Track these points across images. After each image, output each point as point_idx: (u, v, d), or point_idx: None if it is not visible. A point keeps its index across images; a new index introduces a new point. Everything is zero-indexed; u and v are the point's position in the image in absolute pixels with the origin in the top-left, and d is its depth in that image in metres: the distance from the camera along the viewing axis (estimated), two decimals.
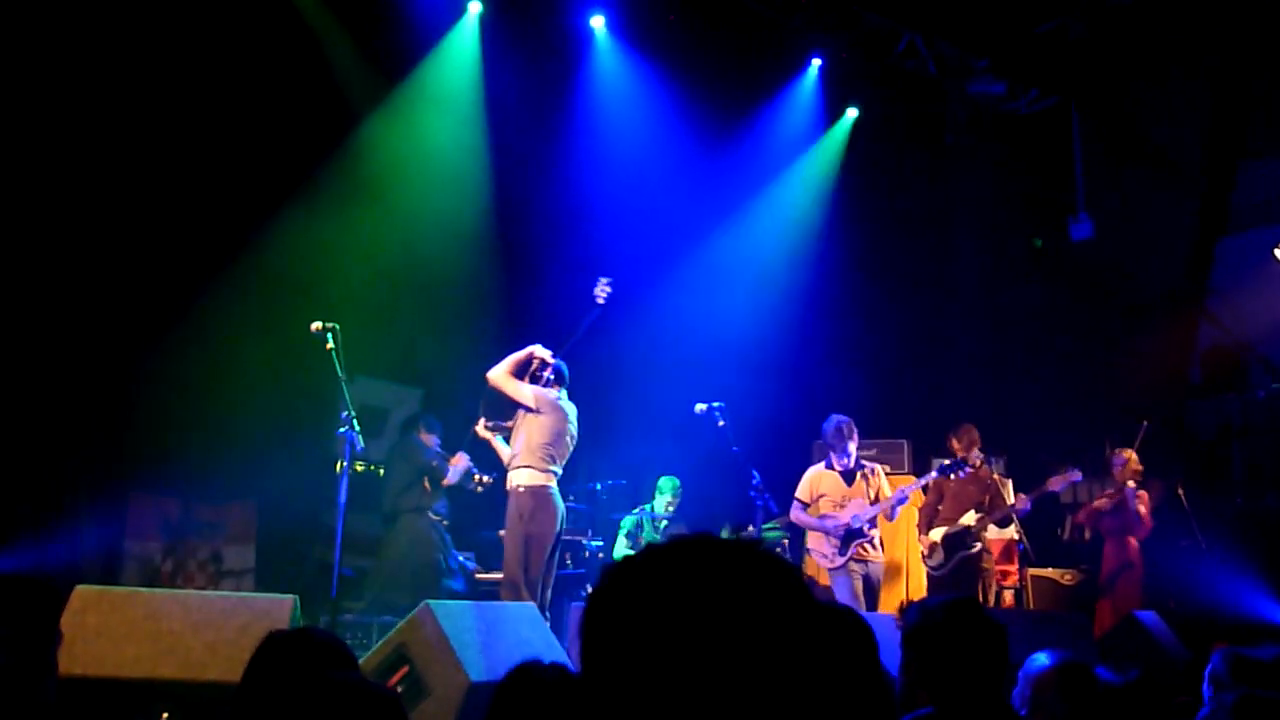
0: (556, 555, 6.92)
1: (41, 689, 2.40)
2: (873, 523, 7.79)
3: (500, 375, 6.81)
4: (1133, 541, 8.39)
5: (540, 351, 6.95)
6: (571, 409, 7.01)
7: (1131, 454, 8.49)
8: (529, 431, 6.78)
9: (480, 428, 7.24)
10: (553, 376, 6.98)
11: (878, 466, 8.20)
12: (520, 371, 6.89)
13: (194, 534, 8.22)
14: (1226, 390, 10.11)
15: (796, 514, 8.04)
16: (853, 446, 7.93)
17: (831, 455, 7.98)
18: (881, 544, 7.96)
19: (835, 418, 7.99)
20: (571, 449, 7.00)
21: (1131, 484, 8.37)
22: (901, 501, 7.92)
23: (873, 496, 7.86)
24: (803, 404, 10.31)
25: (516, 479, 6.75)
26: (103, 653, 4.43)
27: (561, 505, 6.86)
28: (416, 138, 9.43)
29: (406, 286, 9.41)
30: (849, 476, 7.94)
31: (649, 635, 1.05)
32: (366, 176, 9.13)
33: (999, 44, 10.88)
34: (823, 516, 7.85)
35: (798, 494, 8.04)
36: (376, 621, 7.64)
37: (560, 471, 6.91)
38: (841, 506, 7.82)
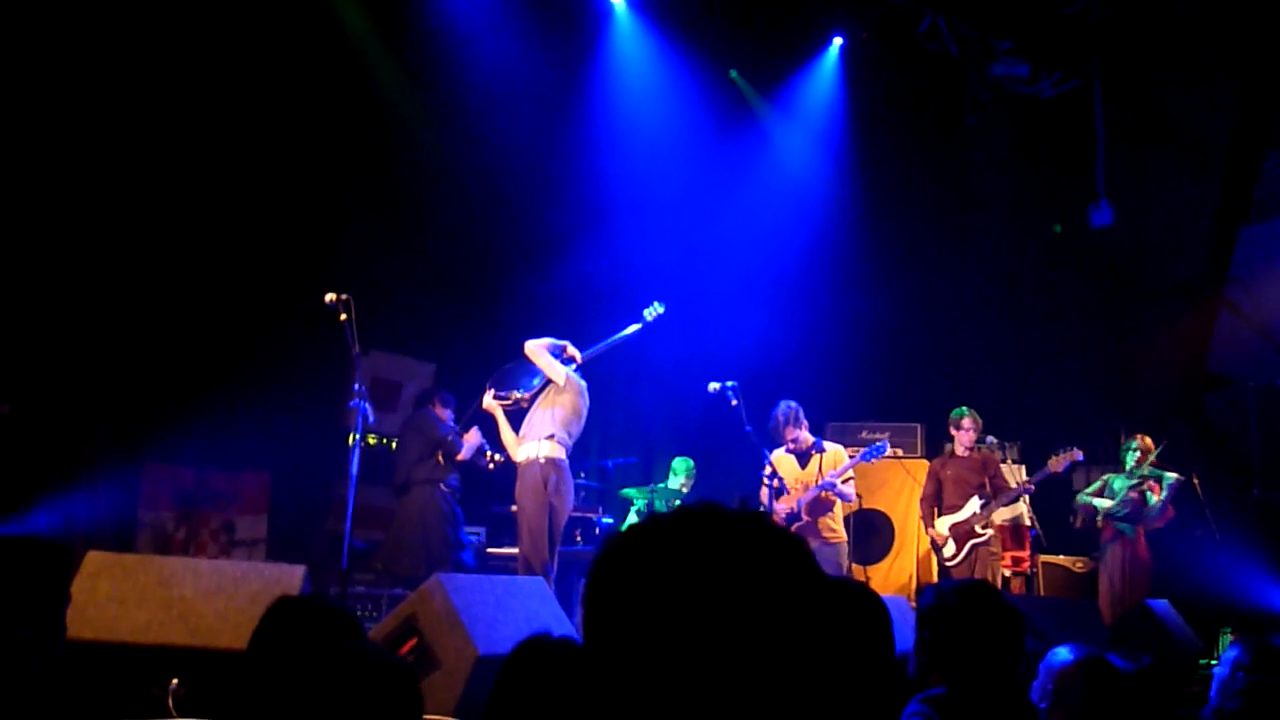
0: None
1: (49, 650, 2.40)
2: (815, 507, 7.58)
3: (538, 347, 7.07)
4: (1141, 530, 8.32)
5: (572, 350, 7.22)
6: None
7: (1148, 440, 8.42)
8: (554, 407, 6.96)
9: (488, 399, 7.32)
10: (576, 370, 7.20)
11: (834, 447, 7.92)
12: (553, 354, 7.12)
13: (207, 503, 8.26)
14: (1244, 379, 10.03)
15: (763, 495, 7.81)
16: (799, 433, 7.73)
17: (786, 438, 7.80)
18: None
19: (781, 404, 7.81)
20: None
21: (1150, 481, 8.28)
22: (827, 488, 7.56)
23: (817, 480, 7.66)
24: (818, 385, 10.28)
25: (539, 450, 6.84)
26: (114, 618, 4.44)
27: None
28: (432, 113, 9.41)
29: (421, 260, 9.41)
30: (803, 459, 7.80)
31: (651, 604, 1.04)
32: (382, 151, 9.12)
33: (1022, 25, 10.77)
34: (781, 498, 7.70)
35: (765, 476, 7.83)
36: (387, 594, 7.68)
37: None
38: (796, 490, 7.70)
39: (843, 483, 7.63)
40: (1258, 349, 10.10)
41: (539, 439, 6.87)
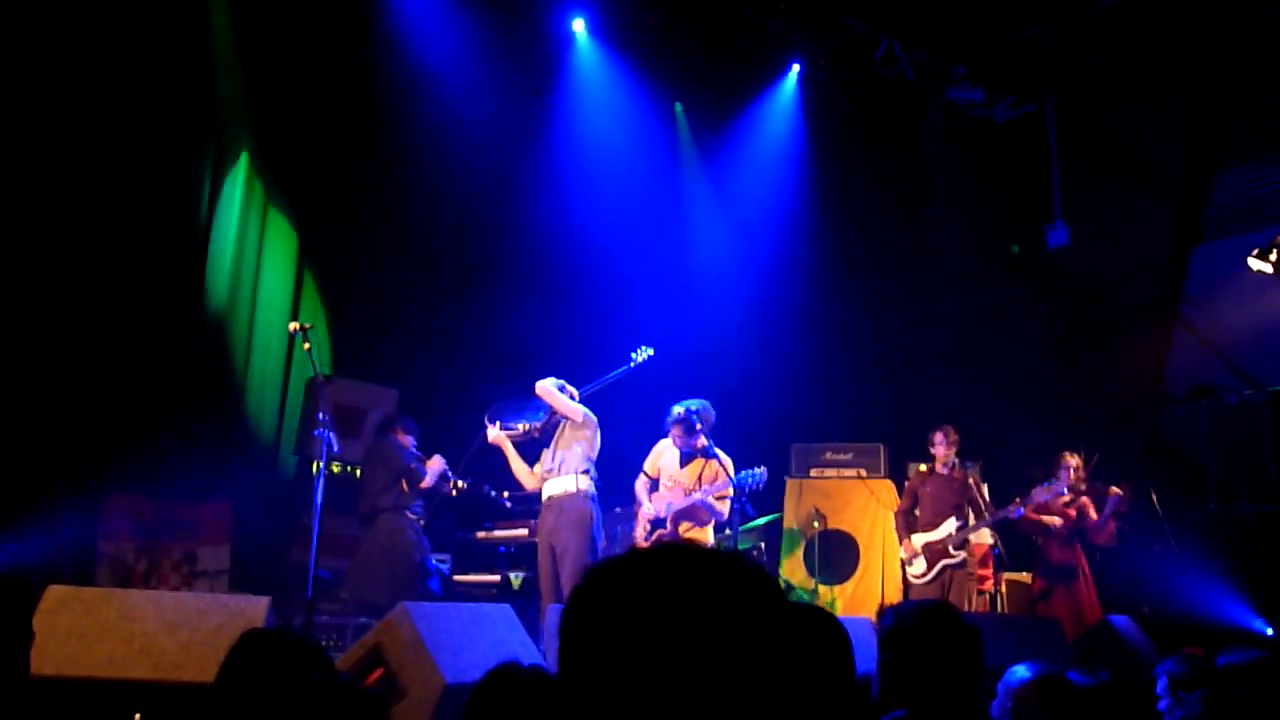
0: None
1: (12, 688, 2.38)
2: (682, 514, 7.42)
3: (551, 387, 7.28)
4: (1078, 546, 8.42)
5: (571, 389, 7.44)
6: None
7: (1077, 459, 8.49)
8: (582, 443, 7.21)
9: (494, 431, 7.50)
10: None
11: (724, 459, 7.51)
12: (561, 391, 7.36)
13: (168, 534, 8.15)
14: (1200, 396, 10.18)
15: (638, 486, 7.77)
16: (692, 439, 7.47)
17: (671, 432, 7.61)
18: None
19: (688, 404, 7.55)
20: None
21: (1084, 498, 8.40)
22: (700, 504, 7.35)
23: (692, 486, 7.46)
24: (779, 409, 10.34)
25: (579, 484, 7.10)
26: (75, 653, 4.39)
27: None
28: (393, 142, 9.44)
29: (383, 287, 9.40)
30: (686, 458, 7.60)
31: (628, 637, 1.06)
32: (344, 178, 9.12)
33: (977, 50, 10.94)
34: (652, 496, 7.63)
35: (645, 466, 7.79)
36: (352, 623, 7.62)
37: None
38: (669, 488, 7.58)
39: (716, 499, 7.40)
40: (1212, 366, 10.26)
41: (574, 473, 7.10)
